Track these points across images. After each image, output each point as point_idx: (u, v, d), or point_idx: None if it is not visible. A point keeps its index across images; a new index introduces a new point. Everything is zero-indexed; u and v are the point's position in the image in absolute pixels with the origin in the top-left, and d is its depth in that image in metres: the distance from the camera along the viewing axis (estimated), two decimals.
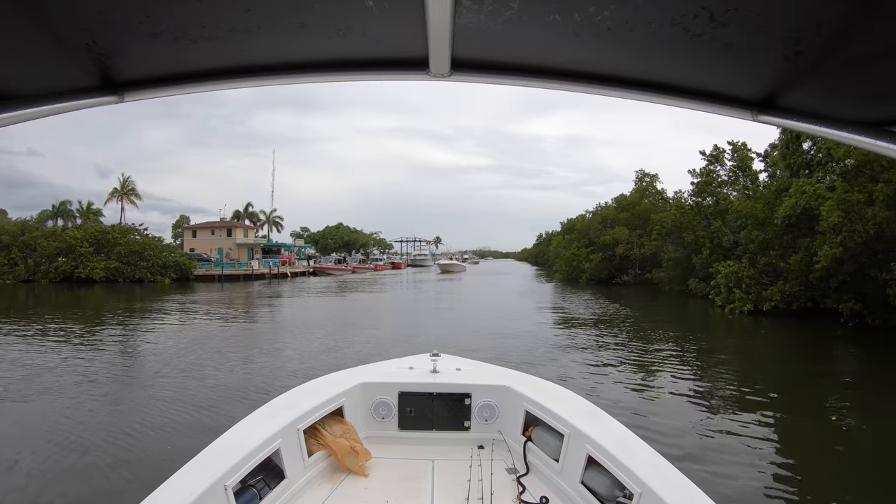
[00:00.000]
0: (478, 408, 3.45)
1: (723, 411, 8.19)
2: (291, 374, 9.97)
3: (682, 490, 2.12)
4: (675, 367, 11.39)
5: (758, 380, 10.38)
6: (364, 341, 14.18)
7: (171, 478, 2.13)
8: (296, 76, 1.13)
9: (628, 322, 19.24)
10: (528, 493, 2.82)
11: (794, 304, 20.38)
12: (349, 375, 3.69)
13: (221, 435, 2.60)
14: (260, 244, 64.15)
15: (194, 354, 12.26)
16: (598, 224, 46.19)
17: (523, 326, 17.41)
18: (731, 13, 0.81)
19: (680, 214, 31.34)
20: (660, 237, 33.78)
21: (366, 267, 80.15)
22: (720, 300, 23.01)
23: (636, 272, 40.01)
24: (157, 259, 45.11)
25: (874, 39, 0.82)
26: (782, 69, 0.96)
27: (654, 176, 46.37)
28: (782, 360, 13.19)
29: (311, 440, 3.00)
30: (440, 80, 1.11)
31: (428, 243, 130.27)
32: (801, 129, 1.10)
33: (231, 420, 3.02)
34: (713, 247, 28.16)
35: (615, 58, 1.05)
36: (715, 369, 11.32)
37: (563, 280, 47.81)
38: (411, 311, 23.20)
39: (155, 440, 6.46)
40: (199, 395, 8.60)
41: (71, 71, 1.00)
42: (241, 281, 47.65)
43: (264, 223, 79.20)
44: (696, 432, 7.00)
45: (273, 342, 14.27)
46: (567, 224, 57.75)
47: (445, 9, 0.83)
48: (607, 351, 13.23)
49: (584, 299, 28.97)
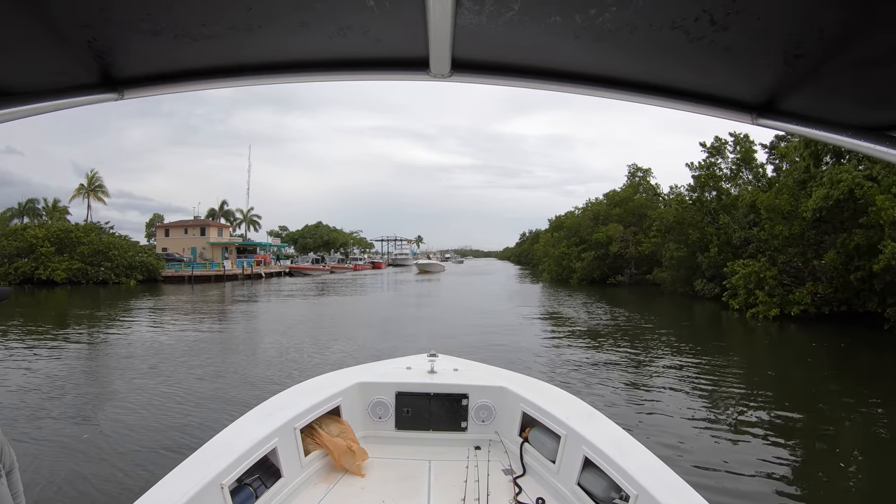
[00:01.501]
0: (475, 408, 3.44)
1: (777, 445, 6.61)
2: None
3: (679, 492, 2.13)
4: (710, 389, 9.38)
5: (820, 410, 8.22)
6: (315, 365, 10.93)
7: (166, 476, 2.12)
8: (296, 75, 1.12)
9: (639, 332, 16.44)
10: (524, 494, 2.81)
11: (826, 307, 17.97)
12: (346, 375, 3.66)
13: (217, 434, 2.57)
14: (235, 243, 61.94)
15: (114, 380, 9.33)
16: (589, 221, 43.45)
17: (519, 342, 14.42)
18: (732, 16, 0.80)
19: (682, 210, 28.89)
20: (659, 234, 31.31)
21: (345, 267, 76.60)
22: (737, 303, 20.48)
23: (632, 272, 37.46)
24: (123, 259, 42.51)
25: (874, 44, 0.81)
26: (782, 73, 0.96)
27: (647, 171, 44.06)
28: (834, 378, 10.56)
29: (308, 439, 2.99)
30: (441, 81, 1.11)
31: (409, 242, 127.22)
32: (801, 133, 1.11)
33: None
34: (721, 244, 25.79)
35: (615, 60, 1.04)
36: (761, 393, 9.06)
37: (551, 280, 45.08)
38: (387, 321, 19.92)
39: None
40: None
41: (71, 68, 1.00)
42: (212, 282, 45.69)
43: (241, 222, 78.31)
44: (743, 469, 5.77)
45: (218, 363, 10.97)
46: (555, 221, 55.13)
47: (446, 9, 0.82)
48: (624, 370, 10.71)
49: (580, 303, 26.18)
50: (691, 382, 9.83)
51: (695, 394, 9.07)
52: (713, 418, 7.72)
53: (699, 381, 9.94)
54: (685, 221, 28.62)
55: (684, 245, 28.18)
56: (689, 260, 27.88)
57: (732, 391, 9.23)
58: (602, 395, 8.81)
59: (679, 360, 11.90)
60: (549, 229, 57.54)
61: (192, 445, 3.76)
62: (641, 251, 34.83)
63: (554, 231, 51.96)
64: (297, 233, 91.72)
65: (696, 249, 27.44)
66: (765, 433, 6.94)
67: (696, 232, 27.63)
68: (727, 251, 25.44)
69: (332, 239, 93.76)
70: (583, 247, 41.57)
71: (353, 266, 78.78)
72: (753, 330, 17.63)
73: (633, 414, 7.79)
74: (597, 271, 39.79)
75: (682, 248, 27.97)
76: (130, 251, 44.98)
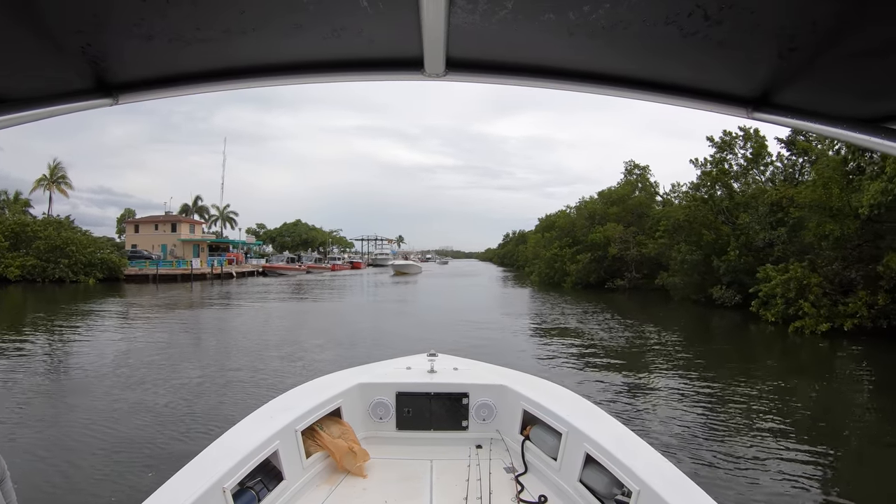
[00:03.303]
0: (476, 407, 3.41)
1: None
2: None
3: (681, 487, 2.10)
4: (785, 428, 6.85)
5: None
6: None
7: (168, 480, 2.09)
8: (291, 77, 1.11)
9: (670, 350, 13.35)
10: (526, 492, 2.78)
11: (883, 320, 15.29)
12: (347, 376, 3.61)
13: (219, 437, 2.55)
14: (207, 241, 59.04)
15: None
16: (584, 220, 40.55)
17: (524, 365, 11.19)
18: (726, 11, 0.79)
19: (694, 208, 26.15)
20: (666, 235, 28.55)
21: (322, 267, 72.42)
22: (772, 315, 17.70)
23: (633, 275, 34.66)
24: (81, 256, 39.48)
25: (868, 36, 0.81)
26: (777, 67, 0.96)
27: (645, 167, 41.51)
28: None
29: (309, 441, 2.96)
30: (435, 80, 1.10)
31: (390, 242, 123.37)
32: (797, 127, 1.10)
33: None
34: (739, 245, 23.11)
35: (610, 56, 1.04)
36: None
37: (541, 284, 42.11)
38: (352, 338, 16.47)
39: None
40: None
41: (65, 73, 0.99)
42: (178, 281, 43.12)
43: (217, 219, 74.29)
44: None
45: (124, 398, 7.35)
46: (545, 221, 52.20)
47: (440, 9, 0.82)
48: (679, 404, 7.66)
49: (582, 312, 23.12)
50: (759, 419, 7.73)
51: (767, 435, 6.95)
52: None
53: (768, 417, 7.86)
54: (697, 221, 25.92)
55: (696, 247, 25.45)
56: (703, 264, 25.16)
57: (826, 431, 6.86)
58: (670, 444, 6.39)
59: (733, 390, 9.22)
60: (538, 229, 54.58)
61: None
62: (646, 253, 31.91)
63: (544, 231, 48.96)
64: (274, 231, 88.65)
65: (712, 252, 24.73)
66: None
67: (711, 233, 24.92)
68: (748, 254, 22.79)
69: (311, 237, 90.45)
70: (577, 248, 38.63)
71: (330, 266, 74.56)
72: (800, 348, 14.80)
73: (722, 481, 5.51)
74: (593, 275, 36.85)
75: (696, 251, 25.20)
76: (90, 247, 41.45)
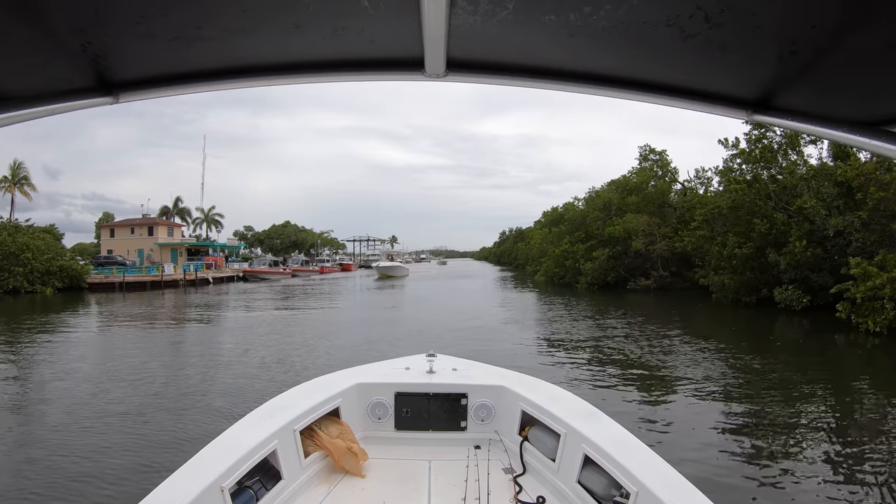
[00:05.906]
0: (474, 408, 3.40)
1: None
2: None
3: (679, 489, 2.09)
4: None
5: None
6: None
7: (166, 480, 2.08)
8: (292, 77, 1.11)
9: (770, 382, 9.28)
10: (524, 493, 2.78)
11: None
12: (345, 376, 3.60)
13: (217, 437, 2.53)
14: (185, 244, 56.48)
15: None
16: (598, 212, 36.44)
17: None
18: (727, 13, 0.80)
19: (741, 192, 22.17)
20: (705, 225, 24.59)
21: (309, 270, 67.30)
22: (877, 324, 13.77)
23: (661, 273, 30.64)
24: (37, 264, 36.21)
25: (868, 39, 0.81)
26: (777, 69, 0.96)
27: (662, 153, 37.53)
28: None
29: (308, 441, 2.94)
30: (436, 81, 1.09)
31: (383, 242, 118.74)
32: (797, 129, 1.09)
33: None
34: (804, 234, 19.18)
35: (610, 58, 1.03)
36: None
37: (546, 284, 38.04)
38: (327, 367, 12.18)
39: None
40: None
41: (66, 72, 0.98)
42: (147, 289, 39.94)
43: (202, 221, 70.23)
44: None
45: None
46: (551, 214, 48.07)
47: (440, 9, 0.82)
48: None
49: (621, 324, 19.03)
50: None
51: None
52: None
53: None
54: (744, 207, 21.95)
55: (747, 238, 21.49)
56: (754, 259, 21.21)
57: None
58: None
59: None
60: (543, 224, 50.39)
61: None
62: (681, 248, 27.71)
63: (552, 226, 44.80)
64: (263, 233, 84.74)
65: (765, 244, 20.79)
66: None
67: (764, 221, 20.96)
68: (815, 246, 18.88)
69: (301, 239, 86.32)
70: (591, 243, 34.54)
71: (319, 269, 69.74)
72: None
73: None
74: (611, 273, 32.72)
75: (747, 244, 21.23)
76: (48, 253, 37.80)
